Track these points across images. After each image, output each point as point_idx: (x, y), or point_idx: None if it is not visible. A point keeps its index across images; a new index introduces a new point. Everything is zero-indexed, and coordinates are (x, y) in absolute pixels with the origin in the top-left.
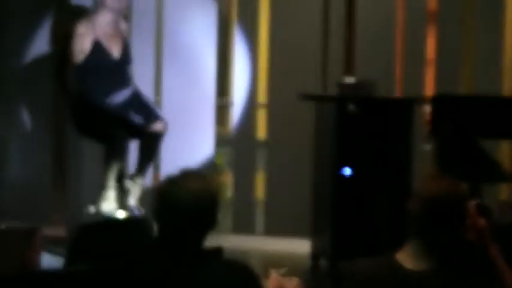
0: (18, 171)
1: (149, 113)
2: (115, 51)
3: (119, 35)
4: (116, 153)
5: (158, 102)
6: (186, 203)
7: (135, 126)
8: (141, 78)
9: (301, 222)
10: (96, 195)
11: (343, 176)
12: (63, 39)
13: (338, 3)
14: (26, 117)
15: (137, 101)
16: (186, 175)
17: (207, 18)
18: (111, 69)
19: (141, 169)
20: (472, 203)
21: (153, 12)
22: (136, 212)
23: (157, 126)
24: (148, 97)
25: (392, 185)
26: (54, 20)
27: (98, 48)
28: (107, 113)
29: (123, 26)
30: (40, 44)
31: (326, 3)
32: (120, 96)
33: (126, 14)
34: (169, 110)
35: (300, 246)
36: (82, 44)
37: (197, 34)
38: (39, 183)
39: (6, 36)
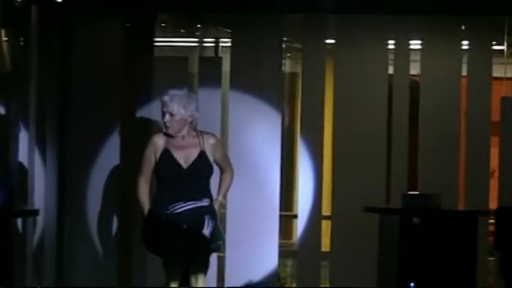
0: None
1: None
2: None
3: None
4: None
5: (222, 213)
6: None
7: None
8: None
9: None
10: None
11: None
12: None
13: (401, 117)
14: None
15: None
16: None
17: (271, 128)
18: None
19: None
20: None
21: (218, 121)
22: None
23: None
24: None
25: None
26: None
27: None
28: (166, 223)
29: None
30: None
31: (389, 115)
32: (181, 207)
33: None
34: (233, 220)
35: None
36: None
37: (262, 144)
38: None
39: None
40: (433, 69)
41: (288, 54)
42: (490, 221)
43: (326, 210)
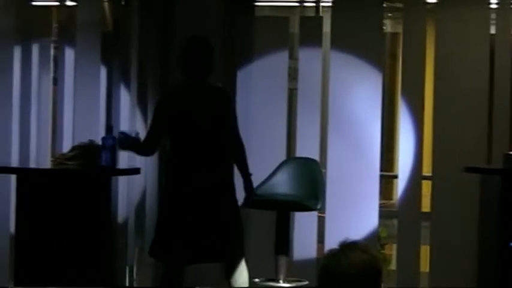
0: None
1: None
2: None
3: None
4: None
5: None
6: (348, 275)
7: None
8: (307, 148)
9: None
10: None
11: (509, 249)
12: None
13: (503, 77)
14: None
15: None
16: (348, 247)
17: (372, 89)
18: None
19: None
20: None
21: (318, 83)
22: None
23: None
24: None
25: None
26: None
27: None
28: None
29: None
30: None
31: (491, 75)
32: None
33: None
34: (334, 181)
35: None
36: None
37: (363, 105)
38: None
39: None
40: None
41: (389, 14)
42: None
43: (427, 170)
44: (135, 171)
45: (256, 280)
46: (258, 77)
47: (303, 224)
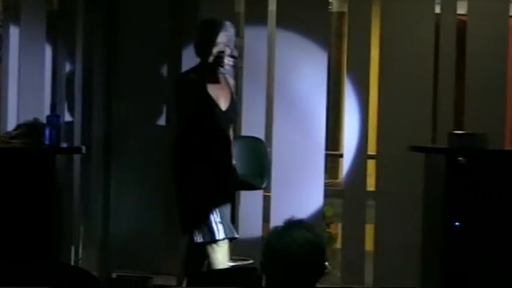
0: (132, 221)
1: None
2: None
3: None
4: None
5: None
6: (292, 253)
7: None
8: (252, 127)
9: (411, 274)
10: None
11: (454, 228)
12: None
13: (448, 57)
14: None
15: None
16: (292, 226)
17: (318, 68)
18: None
19: None
20: None
21: (264, 60)
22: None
23: None
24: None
25: (502, 238)
26: None
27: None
28: None
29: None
30: None
31: (436, 54)
32: None
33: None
34: (279, 159)
35: None
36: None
37: (308, 84)
38: (151, 233)
39: None
40: (480, 9)
41: None
42: None
43: (372, 149)
44: (78, 150)
45: None
46: None
47: (249, 202)
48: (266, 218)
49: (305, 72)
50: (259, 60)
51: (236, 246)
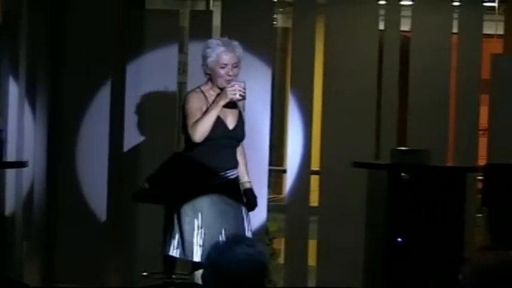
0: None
1: None
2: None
3: None
4: None
5: None
6: (232, 269)
7: None
8: None
9: None
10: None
11: (396, 243)
12: None
13: (391, 73)
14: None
15: None
16: (234, 241)
17: (262, 83)
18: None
19: None
20: None
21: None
22: None
23: None
24: None
25: (444, 253)
26: None
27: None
28: None
29: None
30: None
31: (380, 71)
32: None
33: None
34: None
35: None
36: None
37: (252, 99)
38: (96, 247)
39: None
40: (424, 25)
41: (280, 9)
42: (479, 178)
43: (316, 165)
44: (22, 164)
45: (145, 274)
46: (148, 71)
47: None
48: None
49: (249, 87)
50: (203, 75)
51: (181, 261)
